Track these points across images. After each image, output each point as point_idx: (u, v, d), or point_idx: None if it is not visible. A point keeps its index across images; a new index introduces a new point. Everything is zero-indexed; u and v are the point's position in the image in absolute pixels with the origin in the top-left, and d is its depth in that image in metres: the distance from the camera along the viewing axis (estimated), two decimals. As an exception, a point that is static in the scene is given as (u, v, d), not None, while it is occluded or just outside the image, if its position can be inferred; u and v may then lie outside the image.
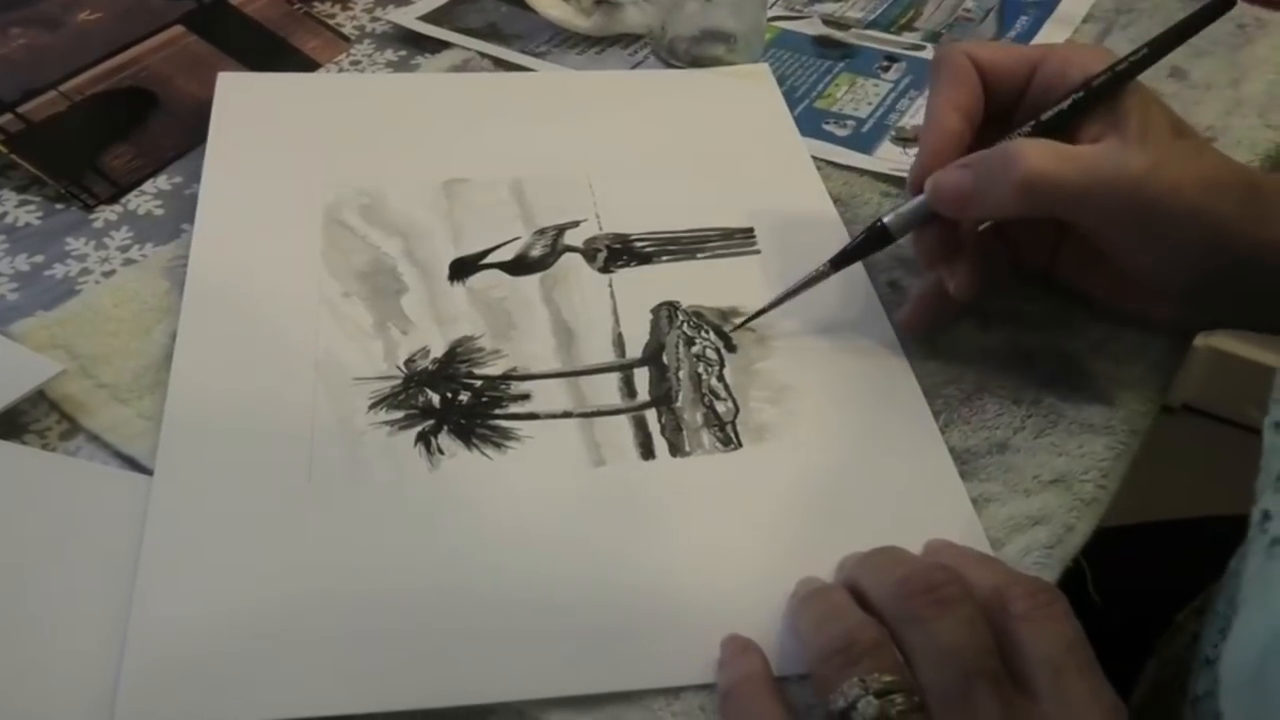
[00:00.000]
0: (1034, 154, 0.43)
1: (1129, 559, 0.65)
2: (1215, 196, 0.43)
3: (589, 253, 0.53)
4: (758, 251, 0.54)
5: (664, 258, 0.53)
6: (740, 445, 0.45)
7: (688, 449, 0.45)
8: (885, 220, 0.47)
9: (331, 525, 0.41)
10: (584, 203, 0.56)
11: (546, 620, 0.39)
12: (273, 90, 0.62)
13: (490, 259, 0.53)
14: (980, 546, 0.42)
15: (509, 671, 0.37)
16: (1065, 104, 0.46)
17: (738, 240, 0.54)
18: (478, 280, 0.51)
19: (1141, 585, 0.60)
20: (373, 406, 0.45)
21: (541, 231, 0.54)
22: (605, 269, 0.52)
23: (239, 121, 0.59)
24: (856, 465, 0.44)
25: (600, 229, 0.54)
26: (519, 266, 0.52)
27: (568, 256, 0.53)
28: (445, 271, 0.52)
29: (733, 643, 0.38)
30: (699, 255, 0.53)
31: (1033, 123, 0.46)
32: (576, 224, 0.54)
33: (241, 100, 0.60)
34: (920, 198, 0.47)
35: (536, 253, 0.53)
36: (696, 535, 0.42)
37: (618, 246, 0.53)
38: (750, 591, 0.40)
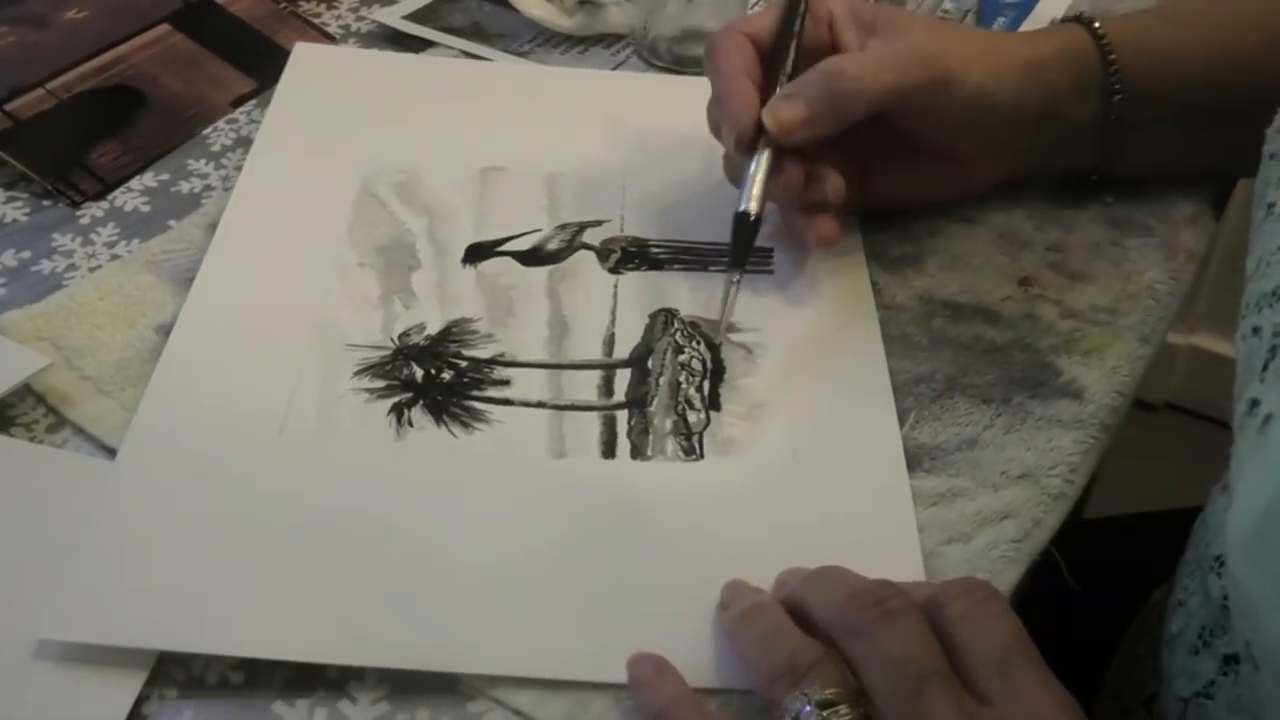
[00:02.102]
0: (850, 65, 0.49)
1: (1110, 550, 0.66)
2: (999, 70, 0.51)
3: (603, 252, 0.54)
4: (771, 271, 0.53)
5: (676, 265, 0.53)
6: (702, 456, 0.45)
7: (649, 453, 0.45)
8: (746, 208, 0.49)
9: (294, 478, 0.43)
10: (613, 203, 0.56)
11: (487, 601, 0.40)
12: (342, 63, 0.64)
13: (506, 247, 0.54)
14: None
15: (450, 642, 0.38)
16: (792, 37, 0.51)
17: (755, 259, 0.52)
18: (489, 266, 0.53)
19: (1121, 575, 0.61)
20: (357, 373, 0.47)
21: (563, 226, 0.55)
22: (615, 270, 0.53)
23: (303, 89, 0.61)
24: (811, 490, 0.44)
25: (621, 230, 0.55)
26: (532, 257, 0.53)
27: (581, 253, 0.54)
28: (460, 254, 0.53)
29: (646, 662, 0.38)
30: (711, 268, 0.53)
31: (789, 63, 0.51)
32: (599, 223, 0.55)
33: (311, 70, 0.63)
34: (754, 170, 0.49)
35: (552, 246, 0.54)
36: (639, 537, 0.42)
37: (633, 249, 0.54)
38: (686, 598, 0.40)
